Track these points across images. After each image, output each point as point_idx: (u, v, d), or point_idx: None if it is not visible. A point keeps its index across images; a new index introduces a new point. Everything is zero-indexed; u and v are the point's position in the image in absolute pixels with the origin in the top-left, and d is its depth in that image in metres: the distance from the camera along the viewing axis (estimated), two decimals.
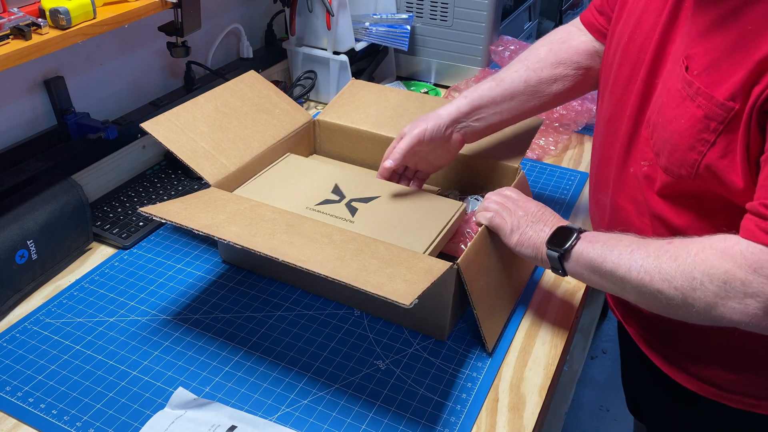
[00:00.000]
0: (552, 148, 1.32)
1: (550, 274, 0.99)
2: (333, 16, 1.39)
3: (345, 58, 1.44)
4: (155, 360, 0.85)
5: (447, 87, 1.59)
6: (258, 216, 0.84)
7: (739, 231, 0.64)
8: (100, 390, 0.80)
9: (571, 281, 0.98)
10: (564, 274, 0.79)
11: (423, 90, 1.56)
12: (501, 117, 0.96)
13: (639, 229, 0.78)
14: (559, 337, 0.90)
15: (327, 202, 0.95)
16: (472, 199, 1.05)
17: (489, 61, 1.53)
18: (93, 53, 1.18)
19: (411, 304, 0.65)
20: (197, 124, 1.01)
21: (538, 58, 0.95)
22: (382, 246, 0.80)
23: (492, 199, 0.88)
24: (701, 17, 0.67)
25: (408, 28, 1.50)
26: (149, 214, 0.79)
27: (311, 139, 1.20)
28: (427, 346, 0.88)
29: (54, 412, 0.77)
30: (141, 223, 1.08)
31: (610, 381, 1.99)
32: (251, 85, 1.13)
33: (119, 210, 1.11)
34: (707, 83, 0.65)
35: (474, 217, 0.92)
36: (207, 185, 0.95)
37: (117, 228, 1.07)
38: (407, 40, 1.49)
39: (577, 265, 0.77)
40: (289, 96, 1.44)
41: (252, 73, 1.16)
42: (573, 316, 0.93)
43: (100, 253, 1.05)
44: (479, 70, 1.53)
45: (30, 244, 0.94)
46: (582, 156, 1.32)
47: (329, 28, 1.41)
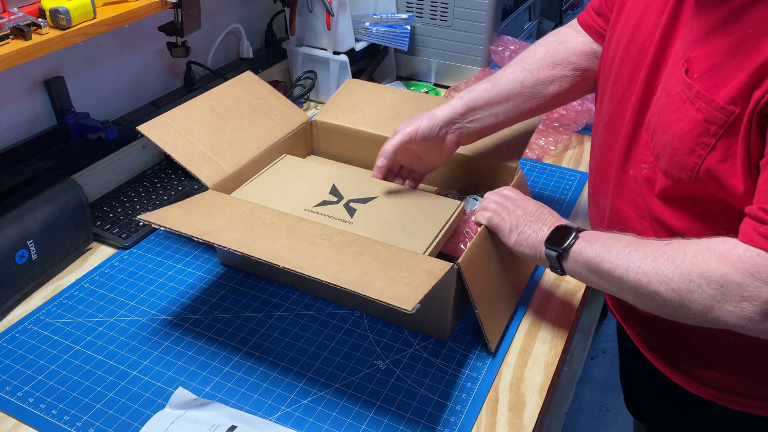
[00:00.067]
0: (552, 148, 1.32)
1: (550, 274, 0.99)
2: (333, 16, 1.39)
3: (345, 58, 1.44)
4: (155, 360, 0.85)
5: (447, 87, 1.58)
6: (258, 219, 0.83)
7: (738, 235, 0.64)
8: (100, 390, 0.80)
9: (571, 281, 0.98)
10: (562, 273, 0.79)
11: (423, 90, 1.56)
12: (496, 119, 0.95)
13: (639, 233, 0.78)
14: (559, 337, 0.90)
15: (325, 203, 0.95)
16: (470, 199, 1.04)
17: (489, 61, 1.53)
18: (93, 53, 1.18)
19: (413, 309, 0.65)
20: (193, 126, 1.00)
21: (534, 58, 0.94)
22: (382, 248, 0.80)
23: (491, 199, 0.88)
24: (701, 19, 0.67)
25: (408, 28, 1.50)
26: (148, 221, 0.79)
27: (308, 140, 1.19)
28: (427, 346, 0.88)
29: (54, 412, 0.77)
30: (141, 223, 1.08)
31: (610, 381, 1.99)
32: (247, 86, 1.13)
33: (119, 210, 1.11)
34: (707, 87, 0.64)
35: (473, 217, 0.92)
36: (206, 186, 0.95)
37: (117, 228, 1.07)
38: (407, 40, 1.49)
39: (576, 265, 0.76)
40: (289, 96, 1.44)
41: (248, 74, 1.15)
42: (573, 316, 0.93)
43: (100, 253, 1.05)
44: (479, 70, 1.53)
45: (30, 244, 0.94)
46: (582, 156, 1.32)
47: (329, 28, 1.41)
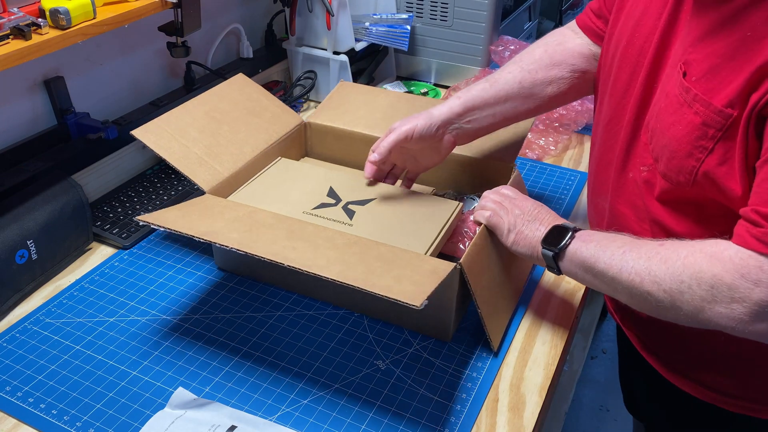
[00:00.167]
0: (552, 148, 1.32)
1: (550, 273, 0.98)
2: (333, 16, 1.39)
3: (345, 58, 1.44)
4: (155, 360, 0.85)
5: (447, 87, 1.58)
6: (257, 222, 0.83)
7: (732, 236, 0.64)
8: (100, 390, 0.80)
9: (571, 281, 0.98)
10: (559, 273, 0.79)
11: (423, 90, 1.56)
12: (494, 119, 0.94)
13: (638, 235, 0.77)
14: (559, 337, 0.90)
15: (323, 205, 0.94)
16: (468, 199, 1.04)
17: (489, 61, 1.53)
18: (93, 53, 1.18)
19: (422, 305, 0.64)
20: (188, 129, 0.99)
21: (533, 59, 0.94)
22: (385, 248, 0.80)
23: (489, 198, 0.88)
24: (700, 21, 0.66)
25: (408, 28, 1.50)
26: (147, 222, 0.79)
27: (302, 142, 1.18)
28: (427, 346, 0.88)
29: (54, 412, 0.77)
30: (141, 223, 1.07)
31: (610, 381, 1.99)
32: (240, 89, 1.12)
33: (119, 210, 1.11)
34: (705, 90, 0.64)
35: (472, 216, 0.92)
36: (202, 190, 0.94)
37: (117, 228, 1.07)
38: (407, 40, 1.49)
39: (571, 265, 0.76)
40: (289, 96, 1.44)
41: (240, 76, 1.15)
42: (573, 316, 0.93)
43: (100, 253, 1.05)
44: (479, 70, 1.53)
45: (30, 244, 0.94)
46: (582, 156, 1.32)
47: (329, 28, 1.41)
